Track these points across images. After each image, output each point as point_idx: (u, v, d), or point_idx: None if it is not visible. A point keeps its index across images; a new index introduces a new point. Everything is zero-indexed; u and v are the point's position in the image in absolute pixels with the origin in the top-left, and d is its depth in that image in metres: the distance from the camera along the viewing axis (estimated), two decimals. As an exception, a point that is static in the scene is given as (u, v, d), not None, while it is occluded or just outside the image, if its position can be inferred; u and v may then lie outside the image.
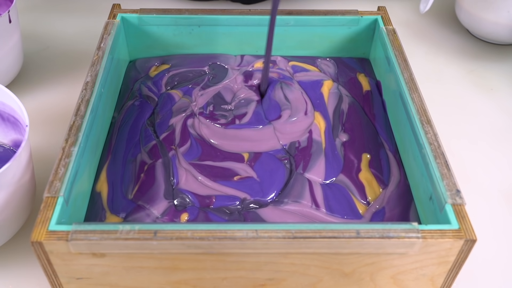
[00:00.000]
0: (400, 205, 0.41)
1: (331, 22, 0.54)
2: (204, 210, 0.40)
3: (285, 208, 0.41)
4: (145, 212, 0.40)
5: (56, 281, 0.36)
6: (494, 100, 0.59)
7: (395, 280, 0.37)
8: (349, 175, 0.43)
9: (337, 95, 0.51)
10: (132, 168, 0.43)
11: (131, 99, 0.50)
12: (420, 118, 0.42)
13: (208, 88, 0.51)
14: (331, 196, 0.41)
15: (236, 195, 0.41)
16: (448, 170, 0.37)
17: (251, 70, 0.53)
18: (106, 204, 0.41)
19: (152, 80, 0.52)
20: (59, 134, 0.52)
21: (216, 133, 0.47)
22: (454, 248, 0.34)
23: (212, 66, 0.54)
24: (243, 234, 0.33)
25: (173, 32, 0.54)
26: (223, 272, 0.35)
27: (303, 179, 0.43)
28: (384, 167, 0.44)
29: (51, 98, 0.58)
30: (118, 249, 0.33)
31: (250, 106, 0.49)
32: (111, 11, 0.53)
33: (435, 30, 0.70)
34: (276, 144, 0.46)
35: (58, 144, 0.49)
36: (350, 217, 0.40)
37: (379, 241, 0.33)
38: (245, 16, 0.53)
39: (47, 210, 0.34)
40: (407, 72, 0.46)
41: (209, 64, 0.54)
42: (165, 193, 0.41)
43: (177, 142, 0.46)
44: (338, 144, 0.46)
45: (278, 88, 0.51)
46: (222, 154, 0.45)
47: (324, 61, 0.55)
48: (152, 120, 0.48)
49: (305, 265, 0.35)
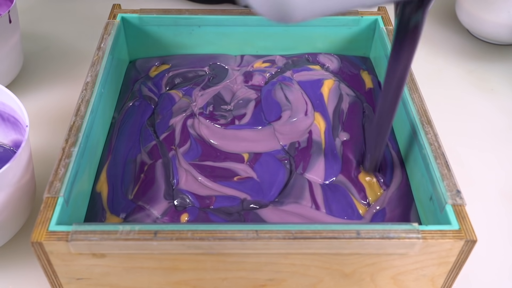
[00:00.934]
0: (400, 206, 0.41)
1: (331, 22, 0.53)
2: (204, 211, 0.40)
3: (285, 208, 0.41)
4: (145, 212, 0.40)
5: (56, 281, 0.36)
6: (494, 101, 0.59)
7: (396, 281, 0.37)
8: (349, 176, 0.43)
9: (337, 94, 0.51)
10: (132, 169, 0.43)
11: (131, 99, 0.50)
12: (421, 119, 0.41)
13: (208, 88, 0.51)
14: (331, 197, 0.41)
15: (236, 196, 0.41)
16: (449, 170, 0.37)
17: (251, 71, 0.53)
18: (106, 204, 0.41)
19: (152, 81, 0.52)
20: (59, 134, 0.52)
21: (216, 133, 0.47)
22: (455, 249, 0.34)
23: (212, 66, 0.54)
24: (243, 235, 0.33)
25: (173, 32, 0.54)
26: (223, 272, 0.35)
27: (303, 179, 0.43)
28: (386, 167, 0.44)
29: (51, 98, 0.58)
30: (118, 250, 0.33)
31: (249, 107, 0.49)
32: (111, 11, 0.53)
33: (435, 30, 0.70)
34: (276, 144, 0.46)
35: (58, 144, 0.49)
36: (350, 218, 0.40)
37: (380, 241, 0.33)
38: (245, 16, 0.53)
39: (47, 211, 0.34)
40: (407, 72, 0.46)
41: (209, 64, 0.54)
42: (165, 194, 0.41)
43: (177, 142, 0.46)
44: (338, 144, 0.46)
45: (278, 88, 0.51)
46: (222, 154, 0.45)
47: (327, 56, 0.55)
48: (152, 120, 0.48)
49: (306, 265, 0.35)
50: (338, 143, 0.46)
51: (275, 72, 0.53)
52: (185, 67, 0.54)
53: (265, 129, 0.47)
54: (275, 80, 0.52)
